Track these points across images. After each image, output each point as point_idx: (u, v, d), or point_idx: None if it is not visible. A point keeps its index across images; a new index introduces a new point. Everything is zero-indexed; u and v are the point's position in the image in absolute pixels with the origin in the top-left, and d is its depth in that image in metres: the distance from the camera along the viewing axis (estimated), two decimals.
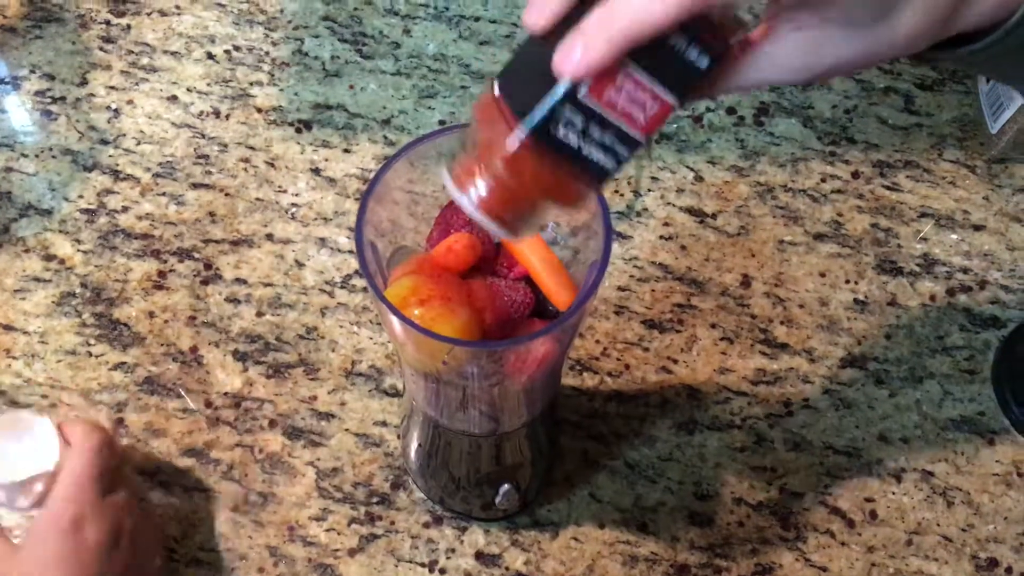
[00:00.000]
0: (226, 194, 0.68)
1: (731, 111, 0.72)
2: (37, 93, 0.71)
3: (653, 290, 0.66)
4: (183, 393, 0.62)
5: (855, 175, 0.70)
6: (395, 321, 0.38)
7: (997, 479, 0.61)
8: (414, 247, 0.43)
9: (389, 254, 0.43)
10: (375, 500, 0.59)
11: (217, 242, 0.66)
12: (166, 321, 0.64)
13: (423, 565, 0.57)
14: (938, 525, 0.59)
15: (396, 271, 0.42)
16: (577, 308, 0.38)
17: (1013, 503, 0.60)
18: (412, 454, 0.57)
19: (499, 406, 0.46)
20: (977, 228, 0.68)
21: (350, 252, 0.66)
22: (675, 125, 0.71)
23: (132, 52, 0.73)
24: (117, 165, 0.69)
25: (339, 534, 0.58)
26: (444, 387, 0.44)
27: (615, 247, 0.67)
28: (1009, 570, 0.58)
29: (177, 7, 0.75)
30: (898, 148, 0.71)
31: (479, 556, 0.58)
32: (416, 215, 0.46)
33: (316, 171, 0.69)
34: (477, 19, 0.75)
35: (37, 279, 0.65)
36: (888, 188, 0.70)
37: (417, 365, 0.42)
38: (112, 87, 0.72)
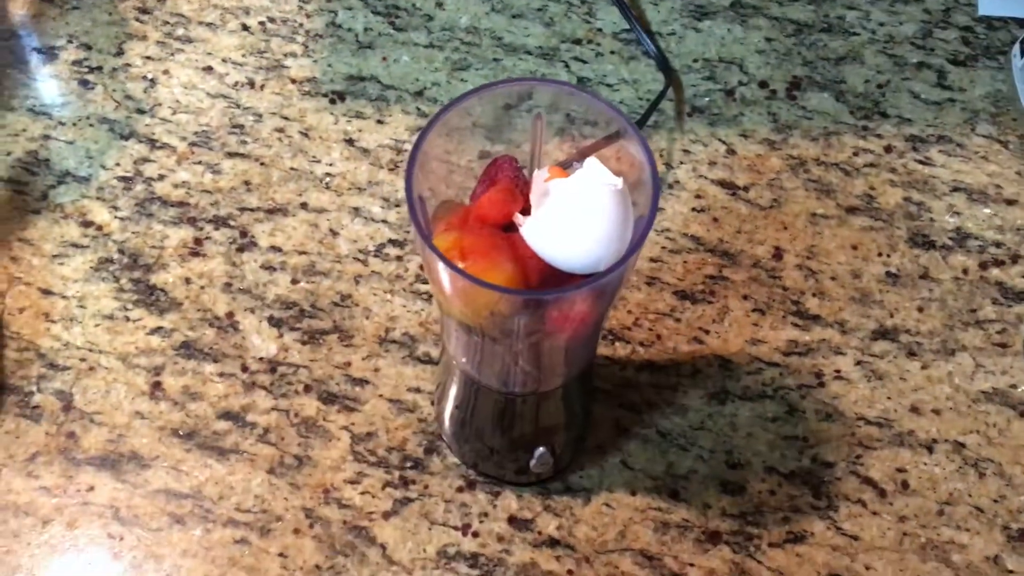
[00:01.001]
0: (261, 163, 0.69)
1: (763, 84, 0.72)
2: (74, 63, 0.72)
3: (685, 261, 0.66)
4: (219, 359, 0.62)
5: (887, 149, 0.70)
6: (443, 272, 0.38)
7: None
8: (455, 200, 0.44)
9: (431, 206, 0.43)
10: (409, 464, 0.60)
11: (252, 210, 0.67)
12: (202, 287, 0.64)
13: (456, 528, 0.58)
14: (969, 496, 0.59)
15: (439, 225, 0.42)
16: (623, 262, 0.38)
17: None
18: (447, 418, 0.57)
19: (540, 363, 0.46)
20: (1010, 203, 0.68)
21: (383, 222, 0.67)
22: (707, 98, 0.71)
23: (168, 23, 0.74)
24: (153, 134, 0.70)
25: (373, 497, 0.59)
26: (487, 342, 0.44)
27: None
28: None
29: None
30: (931, 123, 0.71)
31: (512, 520, 0.58)
32: (452, 184, 0.47)
33: (350, 142, 0.70)
34: None
35: (75, 245, 0.66)
36: (920, 162, 0.70)
37: (462, 318, 0.43)
38: (148, 57, 0.72)
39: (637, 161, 0.41)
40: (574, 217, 0.39)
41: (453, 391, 0.55)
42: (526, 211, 0.41)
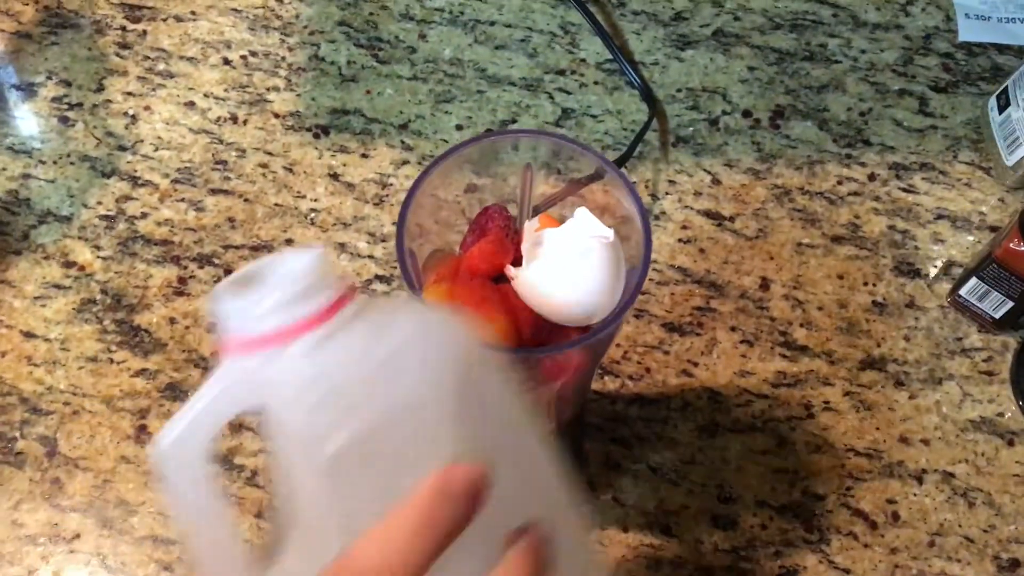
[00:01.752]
0: (245, 200, 0.68)
1: (747, 114, 0.72)
2: (54, 99, 0.71)
3: (673, 293, 0.66)
4: None
5: (871, 177, 0.70)
6: None
7: (1017, 480, 0.61)
8: (448, 250, 0.44)
9: (421, 257, 0.43)
10: None
11: (237, 247, 0.66)
12: (187, 327, 0.64)
13: None
14: (960, 526, 0.60)
15: (429, 275, 0.42)
16: (616, 317, 0.38)
17: None
18: None
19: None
20: (993, 229, 0.69)
21: (369, 257, 0.67)
22: (691, 128, 0.72)
23: (148, 58, 0.73)
24: (135, 171, 0.69)
25: None
26: None
27: None
28: None
29: (193, 13, 0.75)
30: (913, 150, 0.71)
31: None
32: (440, 220, 0.46)
33: (334, 176, 0.69)
34: (492, 23, 0.75)
35: (57, 286, 0.65)
36: (904, 190, 0.70)
37: None
38: (129, 93, 0.72)
39: (622, 203, 0.41)
40: (565, 269, 0.39)
41: None
42: (517, 262, 0.41)
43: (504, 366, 0.32)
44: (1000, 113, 0.68)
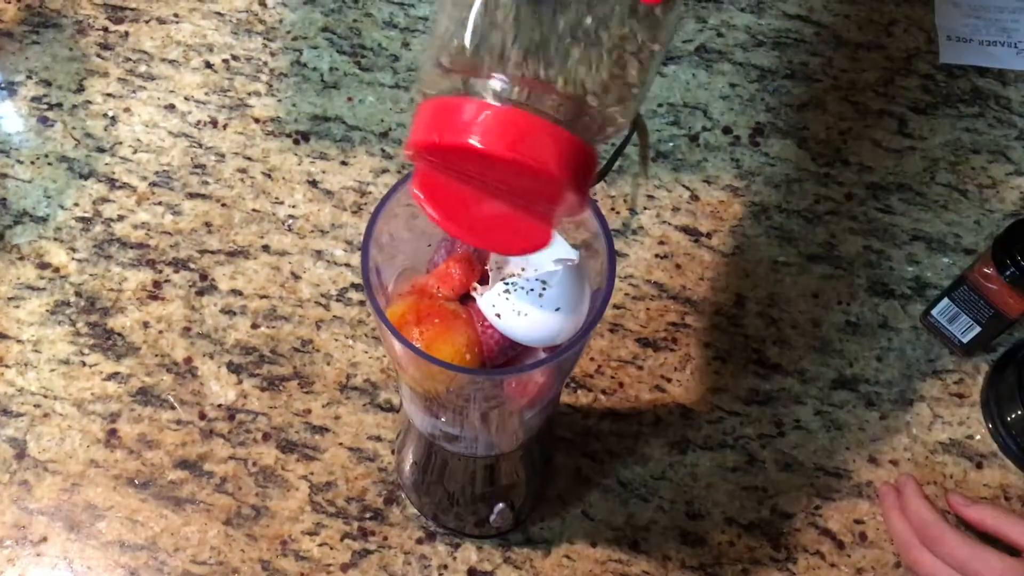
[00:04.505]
0: (222, 204, 0.68)
1: (727, 131, 0.73)
2: (33, 99, 0.71)
3: (648, 308, 0.66)
4: (177, 405, 0.61)
5: (848, 197, 0.71)
6: (396, 343, 0.38)
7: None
8: (415, 269, 0.44)
9: (391, 274, 0.43)
10: (368, 515, 0.59)
11: (213, 253, 0.66)
12: (160, 332, 0.64)
13: None
14: None
15: (396, 293, 0.42)
16: (580, 338, 0.38)
17: None
18: (407, 470, 0.57)
19: (497, 429, 0.46)
20: (968, 252, 0.69)
21: (346, 265, 0.67)
22: (671, 144, 0.72)
23: (129, 60, 0.73)
24: (113, 173, 0.69)
25: (332, 549, 0.58)
26: (442, 409, 0.44)
27: None
28: None
29: (175, 15, 0.74)
30: (891, 171, 0.72)
31: (472, 573, 0.58)
32: (414, 230, 0.46)
33: (313, 183, 0.69)
34: None
35: (31, 287, 0.65)
36: (881, 210, 0.70)
37: (417, 387, 0.42)
38: (109, 94, 0.72)
39: (593, 227, 0.41)
40: (530, 291, 0.39)
41: (412, 445, 0.54)
42: (484, 280, 0.41)
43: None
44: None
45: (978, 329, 0.62)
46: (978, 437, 0.63)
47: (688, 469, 0.62)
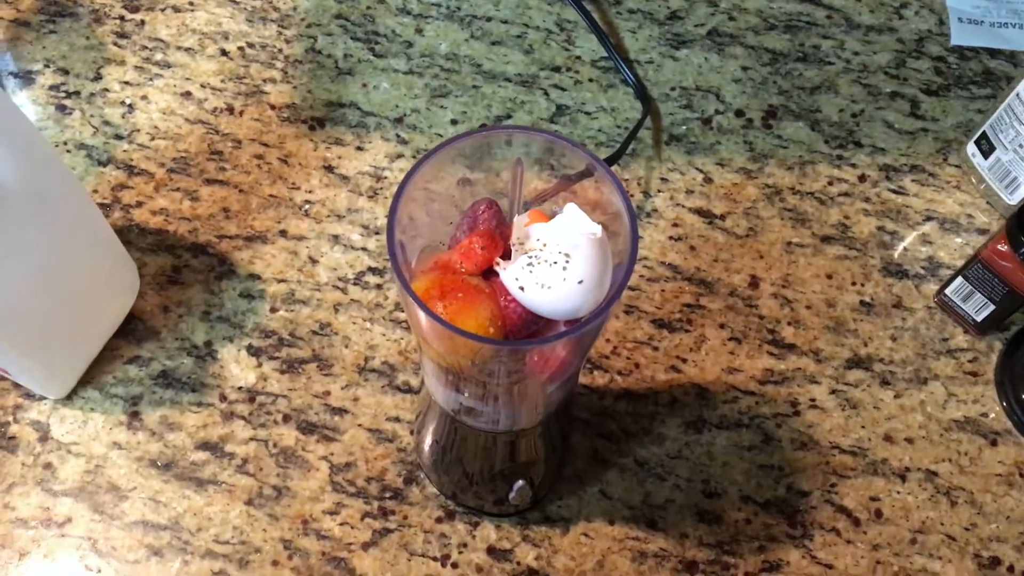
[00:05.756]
0: (240, 190, 0.69)
1: (740, 114, 0.73)
2: (51, 88, 0.72)
3: (663, 290, 0.67)
4: (197, 388, 0.62)
5: (862, 178, 0.71)
6: (422, 317, 0.38)
7: (1000, 479, 0.62)
8: (436, 247, 0.44)
9: (413, 251, 0.43)
10: (388, 495, 0.60)
11: (231, 238, 0.67)
12: (180, 316, 0.64)
13: (435, 559, 0.58)
14: (942, 524, 0.60)
15: (420, 269, 0.43)
16: (603, 311, 0.39)
17: (1015, 503, 0.61)
18: (426, 449, 0.57)
19: (518, 404, 0.47)
20: (981, 232, 0.69)
21: (363, 249, 0.67)
22: (684, 127, 0.72)
23: (146, 48, 0.73)
24: (131, 160, 0.69)
25: (352, 528, 0.59)
26: (465, 383, 0.45)
27: None
28: (1011, 569, 0.59)
29: (191, 3, 0.75)
30: (904, 152, 0.72)
31: (491, 551, 0.59)
32: (433, 213, 0.47)
33: (329, 168, 0.70)
34: (489, 19, 0.76)
35: None
36: (894, 192, 0.71)
37: (441, 361, 0.43)
38: (126, 82, 0.72)
39: (614, 201, 0.42)
40: (553, 263, 0.39)
41: (432, 423, 0.55)
42: (506, 255, 0.42)
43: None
44: (986, 158, 0.68)
45: (992, 307, 0.62)
46: (992, 415, 0.64)
47: (704, 448, 0.62)
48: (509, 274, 0.40)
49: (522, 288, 0.40)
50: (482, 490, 0.57)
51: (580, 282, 0.39)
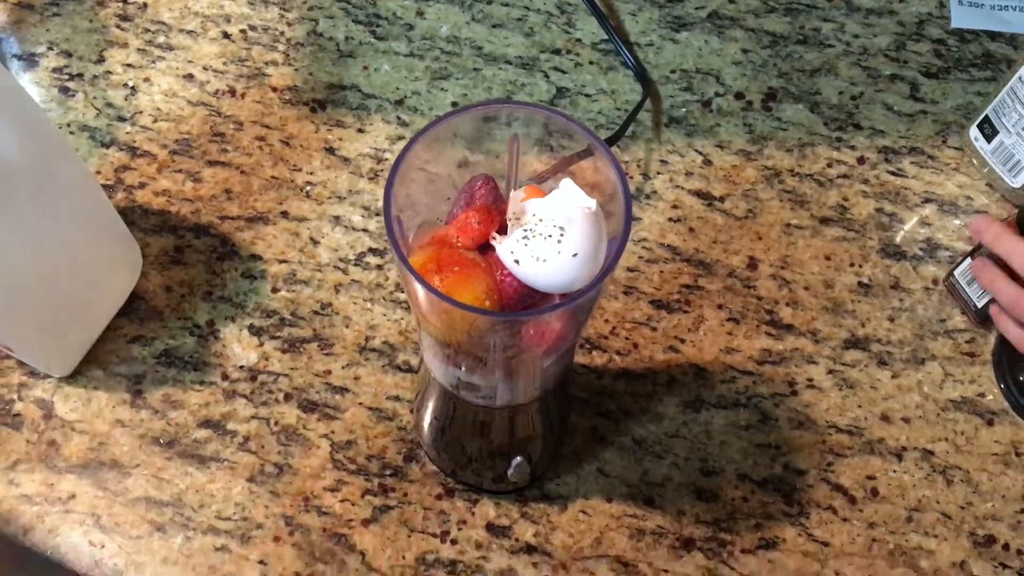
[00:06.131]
0: (242, 172, 0.69)
1: (739, 96, 0.73)
2: (55, 70, 0.72)
3: (662, 271, 0.67)
4: (200, 366, 0.63)
5: (860, 160, 0.71)
6: (419, 290, 0.39)
7: (996, 459, 0.62)
8: (433, 223, 0.44)
9: (411, 227, 0.44)
10: (388, 472, 0.60)
11: (233, 218, 0.67)
12: (183, 296, 0.65)
13: (435, 535, 0.59)
14: (937, 503, 0.61)
15: (417, 244, 0.43)
16: (597, 283, 0.39)
17: (1011, 482, 0.61)
18: (426, 427, 0.58)
19: (515, 378, 0.47)
20: (979, 214, 0.69)
21: (364, 230, 0.68)
22: (684, 109, 0.72)
23: (149, 31, 0.74)
24: (134, 142, 0.70)
25: (353, 505, 0.59)
26: (463, 358, 0.45)
27: None
28: (1006, 547, 0.60)
29: None
30: (903, 134, 0.72)
31: (490, 528, 0.59)
32: (432, 194, 0.47)
33: (330, 150, 0.70)
34: (490, 2, 0.76)
35: None
36: (893, 174, 0.71)
37: (438, 335, 0.43)
38: (129, 65, 0.73)
39: (611, 180, 0.42)
40: (548, 237, 0.40)
41: (432, 401, 0.55)
42: (502, 230, 0.42)
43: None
44: (988, 142, 0.68)
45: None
46: (989, 396, 0.64)
47: (702, 427, 0.63)
48: (505, 247, 0.41)
49: (517, 261, 0.40)
50: (481, 467, 0.58)
51: (575, 255, 0.40)
